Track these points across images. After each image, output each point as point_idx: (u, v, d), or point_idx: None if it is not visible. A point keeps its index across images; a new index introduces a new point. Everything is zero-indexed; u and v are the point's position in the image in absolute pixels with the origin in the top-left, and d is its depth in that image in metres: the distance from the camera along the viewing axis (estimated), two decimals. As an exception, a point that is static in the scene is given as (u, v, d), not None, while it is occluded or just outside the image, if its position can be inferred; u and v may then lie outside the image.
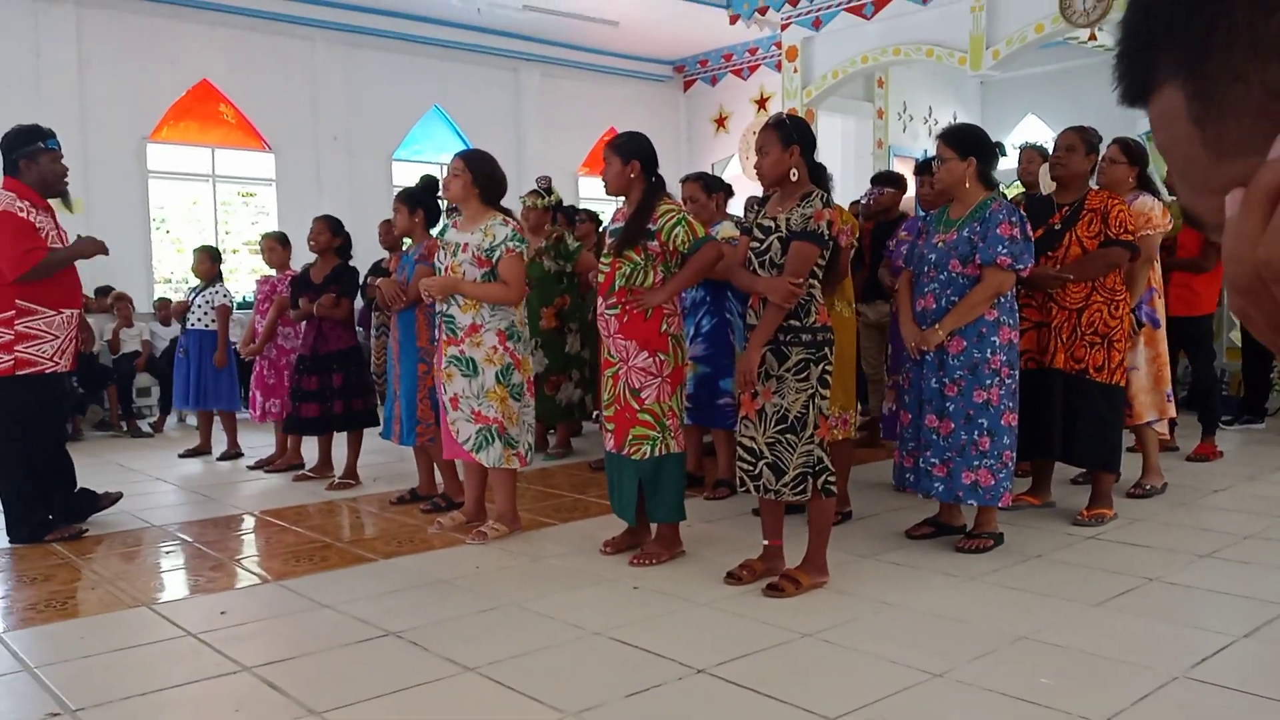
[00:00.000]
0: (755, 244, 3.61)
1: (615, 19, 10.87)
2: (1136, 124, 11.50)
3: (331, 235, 5.68)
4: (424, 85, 10.79)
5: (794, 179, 3.57)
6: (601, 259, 3.94)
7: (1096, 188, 4.57)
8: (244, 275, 9.98)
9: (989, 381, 3.87)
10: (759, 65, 12.23)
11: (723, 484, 5.05)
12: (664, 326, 3.84)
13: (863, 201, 6.73)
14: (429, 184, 5.12)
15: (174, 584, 3.92)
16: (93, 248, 4.61)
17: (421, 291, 4.26)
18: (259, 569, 4.06)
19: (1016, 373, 3.97)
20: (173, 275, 9.67)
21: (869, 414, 6.91)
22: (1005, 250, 3.79)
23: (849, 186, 11.11)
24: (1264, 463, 5.66)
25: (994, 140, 4.15)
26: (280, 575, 3.90)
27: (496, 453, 4.26)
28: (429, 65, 10.77)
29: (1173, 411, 5.04)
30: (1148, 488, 4.89)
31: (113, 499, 4.88)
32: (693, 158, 13.13)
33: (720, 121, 12.87)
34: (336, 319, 5.58)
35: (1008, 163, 10.41)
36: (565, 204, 6.96)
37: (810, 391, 3.51)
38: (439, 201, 5.05)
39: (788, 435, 3.49)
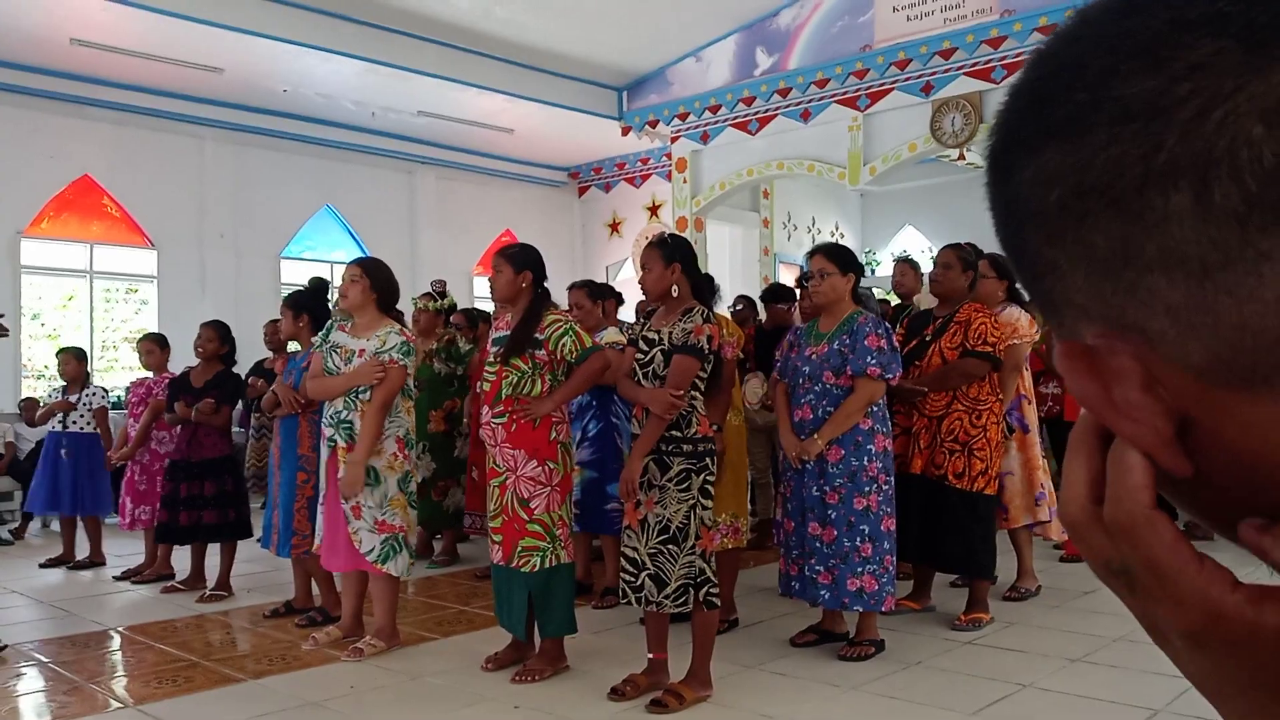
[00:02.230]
0: (640, 355, 3.68)
1: (510, 126, 11.09)
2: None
3: (219, 343, 5.56)
4: (315, 185, 10.74)
5: (675, 295, 3.68)
6: (487, 367, 3.95)
7: (973, 302, 4.81)
8: (125, 372, 9.61)
9: (868, 489, 3.98)
10: (651, 174, 12.59)
11: (610, 592, 5.01)
12: (553, 434, 3.85)
13: (732, 312, 7.00)
14: (317, 287, 5.07)
15: (25, 711, 3.65)
16: None
17: (343, 489, 4.14)
18: (118, 692, 3.82)
19: (892, 479, 4.10)
20: (46, 370, 9.25)
21: (758, 515, 7.00)
22: (874, 361, 3.94)
23: (737, 290, 11.38)
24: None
25: (868, 251, 4.37)
26: (140, 699, 3.67)
27: (404, 562, 4.21)
28: (321, 165, 10.75)
29: (1044, 514, 5.23)
30: (1023, 590, 5.05)
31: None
32: (587, 260, 13.33)
33: (614, 226, 13.14)
34: (214, 426, 5.41)
35: (884, 270, 10.85)
36: (463, 307, 6.97)
37: (692, 502, 3.56)
38: (327, 305, 5.01)
39: (669, 546, 3.51)
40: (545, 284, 4.05)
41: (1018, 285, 5.34)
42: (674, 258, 3.70)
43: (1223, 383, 0.36)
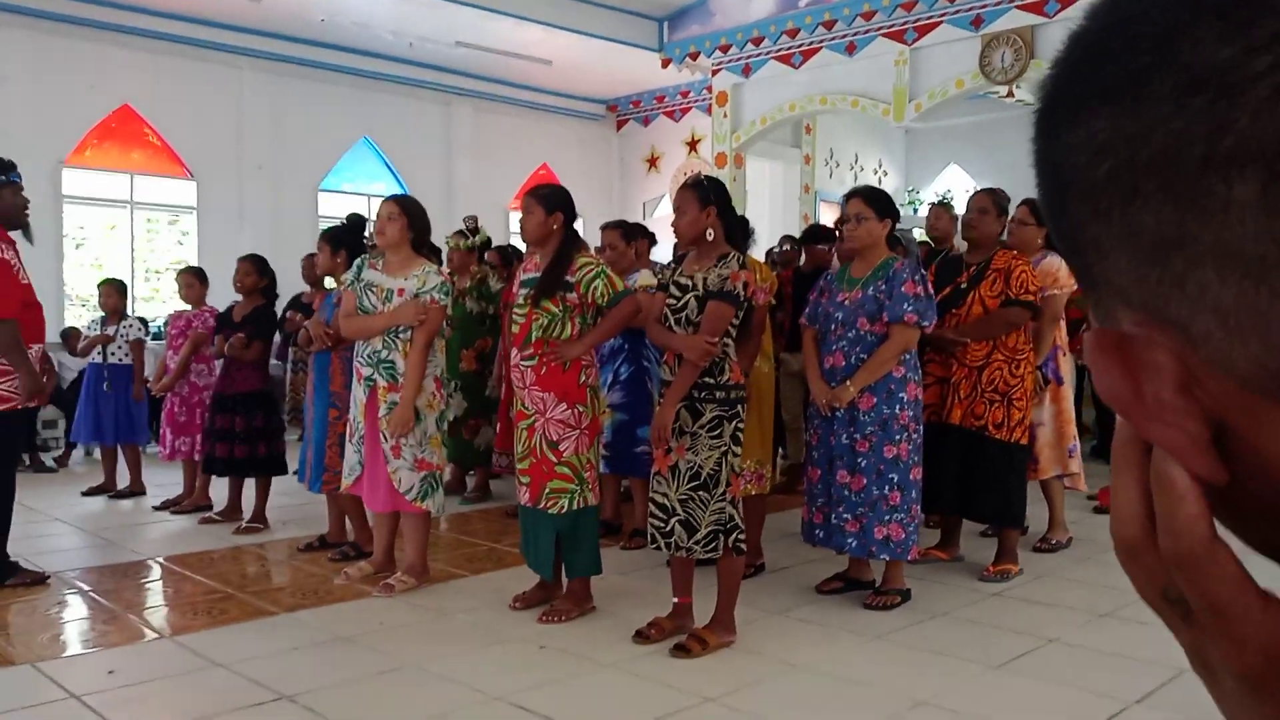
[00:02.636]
0: (672, 301, 3.63)
1: (548, 58, 10.92)
2: (1053, 177, 11.90)
3: (258, 276, 5.57)
4: (353, 116, 10.69)
5: (710, 239, 3.61)
6: (516, 310, 3.92)
7: (1005, 248, 4.69)
8: (166, 304, 9.73)
9: (898, 437, 3.94)
10: (690, 108, 12.38)
11: (639, 534, 5.03)
12: (582, 378, 3.83)
13: (776, 252, 6.87)
14: (355, 223, 5.05)
15: (65, 639, 3.76)
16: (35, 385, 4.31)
17: (393, 429, 4.14)
18: (156, 623, 3.92)
19: (921, 428, 4.05)
20: (90, 298, 9.39)
21: (789, 459, 6.98)
22: (911, 308, 3.86)
23: (776, 229, 11.25)
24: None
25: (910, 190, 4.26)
26: (177, 630, 3.77)
27: (440, 499, 4.27)
28: (359, 96, 10.68)
29: (1075, 467, 5.15)
30: (1053, 542, 5.00)
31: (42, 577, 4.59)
32: (625, 196, 13.21)
33: (652, 161, 12.98)
34: (245, 361, 5.46)
35: (926, 211, 10.66)
36: (496, 244, 6.93)
37: (724, 449, 3.54)
38: (363, 241, 4.99)
39: (700, 492, 3.50)
40: (576, 225, 4.00)
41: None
42: (709, 200, 3.63)
43: (1269, 393, 0.32)
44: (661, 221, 12.14)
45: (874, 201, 4.03)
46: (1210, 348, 0.33)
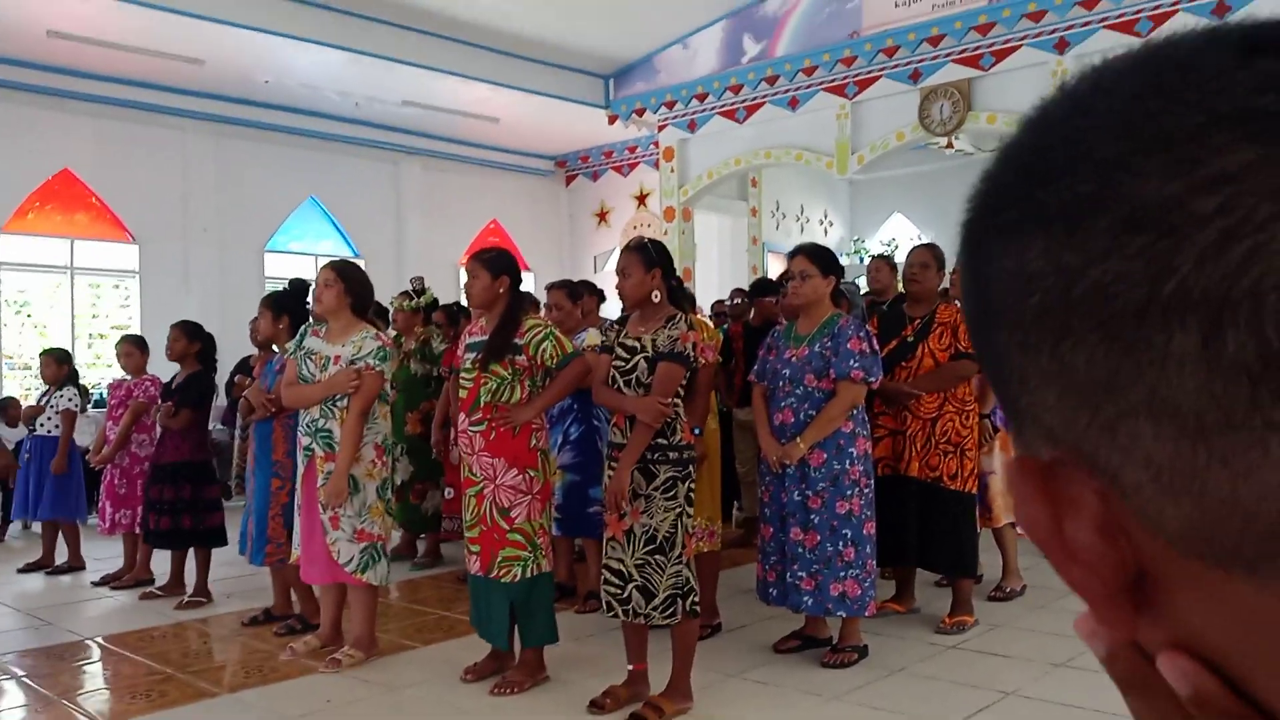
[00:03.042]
0: (619, 363, 3.61)
1: (496, 115, 10.99)
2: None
3: (188, 341, 5.46)
4: (299, 176, 10.63)
5: (655, 300, 3.62)
6: (463, 374, 3.88)
7: (947, 301, 4.76)
8: (113, 365, 9.49)
9: (850, 492, 3.94)
10: (638, 163, 12.50)
11: (593, 596, 4.95)
12: (533, 442, 3.79)
13: (727, 305, 6.92)
14: (297, 288, 4.98)
15: (-8, 729, 3.60)
16: None
17: (326, 500, 4.05)
18: (92, 708, 3.77)
19: (873, 482, 4.06)
20: (34, 365, 9.16)
21: (744, 512, 6.96)
22: (857, 364, 3.89)
23: (725, 281, 11.35)
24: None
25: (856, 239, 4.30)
26: (115, 717, 3.63)
27: (383, 570, 4.16)
28: (305, 156, 10.64)
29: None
30: (1008, 590, 5.02)
31: None
32: (575, 250, 13.25)
33: (602, 215, 13.05)
34: (175, 430, 5.33)
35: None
36: (444, 302, 6.87)
37: (679, 510, 3.52)
38: (306, 306, 4.93)
39: (656, 556, 3.46)
40: (525, 283, 3.99)
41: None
42: (654, 263, 3.66)
43: (1196, 556, 0.30)
44: (613, 275, 12.18)
45: (817, 259, 4.07)
46: (1139, 500, 0.31)
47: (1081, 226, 0.31)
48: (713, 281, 11.24)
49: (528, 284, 12.86)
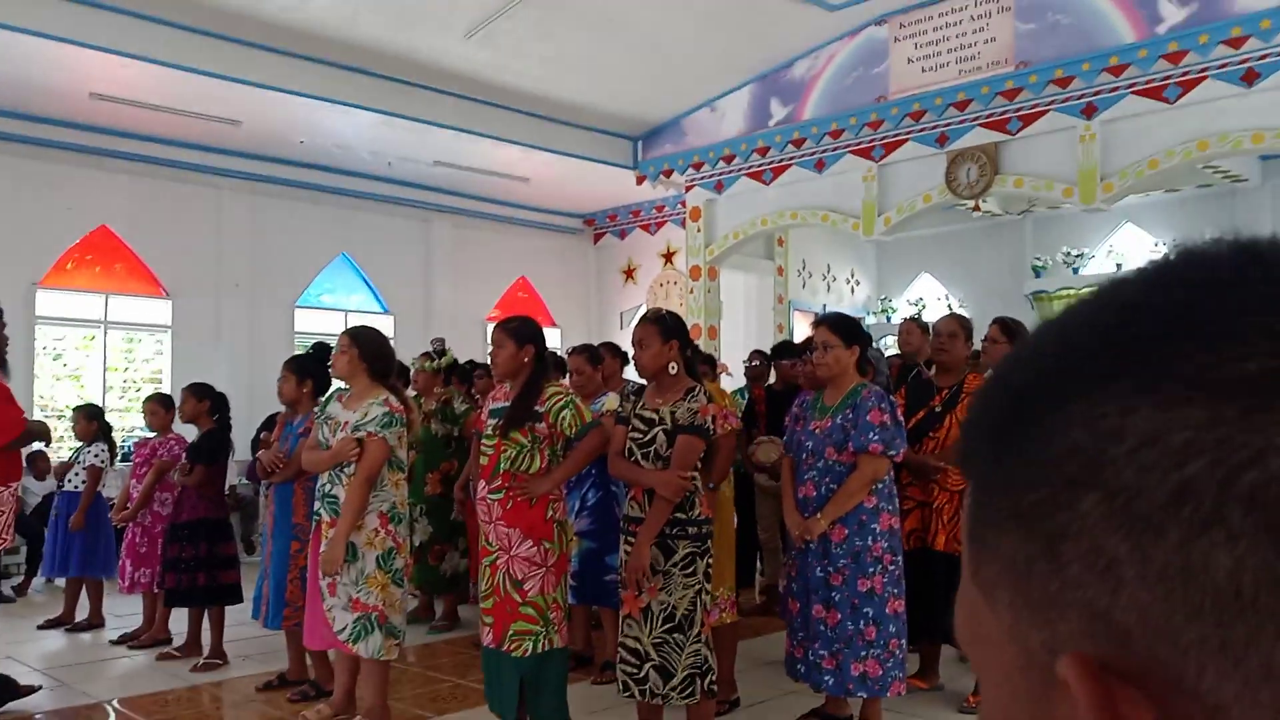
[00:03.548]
0: (636, 435, 3.59)
1: (526, 175, 11.11)
2: (1024, 284, 12.09)
3: (197, 401, 5.49)
4: (331, 233, 10.79)
5: (672, 372, 3.61)
6: (484, 441, 3.87)
7: (976, 370, 4.71)
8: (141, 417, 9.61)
9: (872, 570, 3.86)
10: (665, 221, 12.58)
11: (610, 666, 4.88)
12: (549, 513, 3.76)
13: (746, 367, 6.93)
14: (320, 353, 5.02)
15: (1, 796, 3.57)
16: (40, 430, 4.45)
17: (322, 566, 4.03)
18: (101, 775, 3.73)
19: (900, 559, 3.97)
20: (65, 412, 9.27)
21: (766, 578, 6.87)
22: (877, 437, 3.83)
23: (750, 340, 11.33)
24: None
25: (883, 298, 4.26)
26: (122, 785, 3.59)
27: (376, 643, 4.07)
28: (337, 214, 10.80)
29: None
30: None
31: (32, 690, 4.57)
32: (602, 307, 13.31)
33: (629, 273, 13.11)
34: (191, 487, 5.35)
35: (900, 317, 10.71)
36: (473, 358, 6.89)
37: (698, 587, 3.48)
38: (328, 370, 4.95)
39: (675, 635, 3.41)
40: (553, 344, 4.00)
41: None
42: (672, 334, 3.65)
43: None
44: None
45: (840, 329, 4.04)
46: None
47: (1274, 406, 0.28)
48: (739, 340, 11.22)
49: (554, 340, 12.94)
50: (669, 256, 12.58)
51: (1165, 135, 7.58)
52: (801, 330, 12.13)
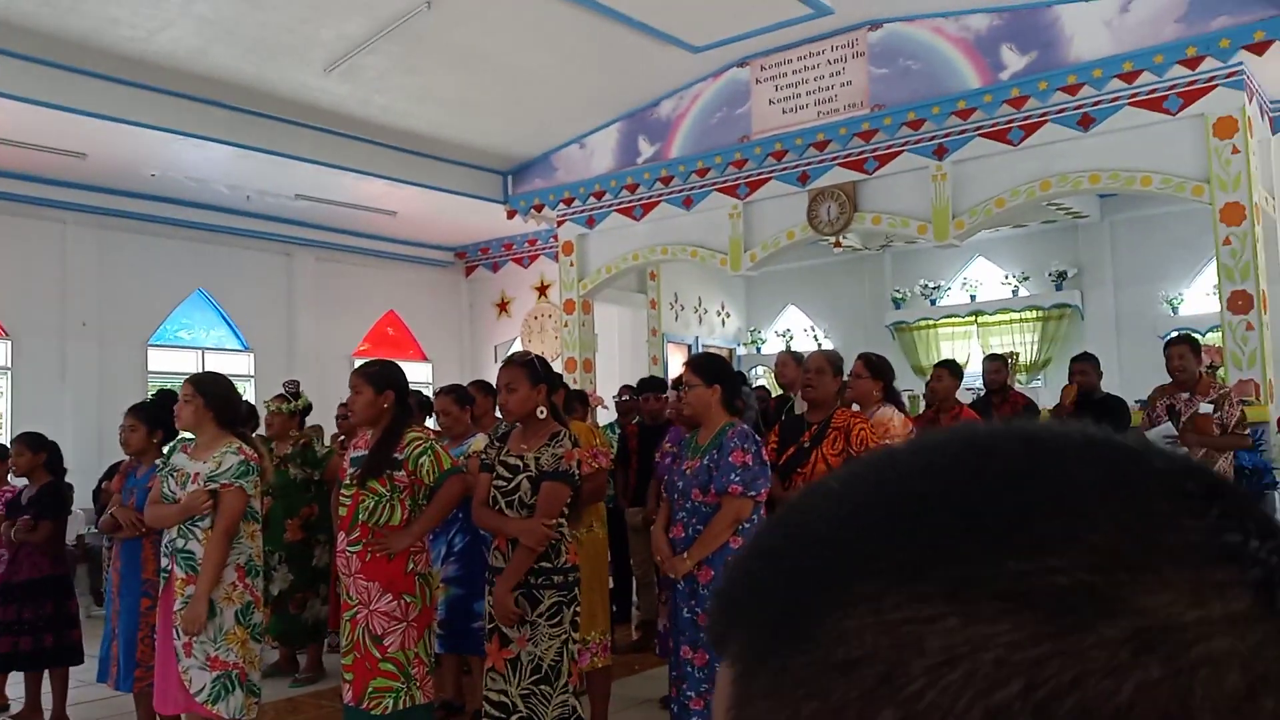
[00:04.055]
0: (501, 482, 3.54)
1: (393, 208, 10.94)
2: (885, 315, 12.52)
3: (33, 454, 5.17)
4: (187, 268, 10.36)
5: (541, 416, 3.58)
6: (343, 490, 3.76)
7: (845, 406, 4.81)
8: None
9: (739, 609, 3.89)
10: (539, 255, 12.56)
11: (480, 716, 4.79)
12: (410, 565, 3.67)
13: (616, 401, 6.94)
14: (164, 400, 4.78)
15: None
16: None
17: (185, 627, 3.83)
18: None
19: (765, 598, 4.02)
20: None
21: (642, 612, 6.86)
22: (738, 478, 3.85)
23: (626, 372, 11.39)
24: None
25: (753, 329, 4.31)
26: None
27: (238, 702, 3.88)
28: (192, 248, 10.39)
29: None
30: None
31: None
32: (475, 341, 13.18)
33: (503, 306, 13.03)
34: (35, 544, 5.02)
35: (770, 349, 10.94)
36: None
37: (564, 637, 3.44)
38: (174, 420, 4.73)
39: (543, 686, 3.36)
40: (408, 401, 3.91)
41: (893, 385, 5.38)
42: (540, 379, 3.63)
43: None
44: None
45: (700, 369, 4.07)
46: None
47: (1091, 627, 0.26)
48: (614, 373, 11.27)
49: (424, 375, 12.72)
50: (543, 289, 12.57)
51: (1010, 175, 8.01)
52: (676, 362, 12.27)
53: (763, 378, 12.02)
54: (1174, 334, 6.15)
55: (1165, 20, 7.19)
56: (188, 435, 4.13)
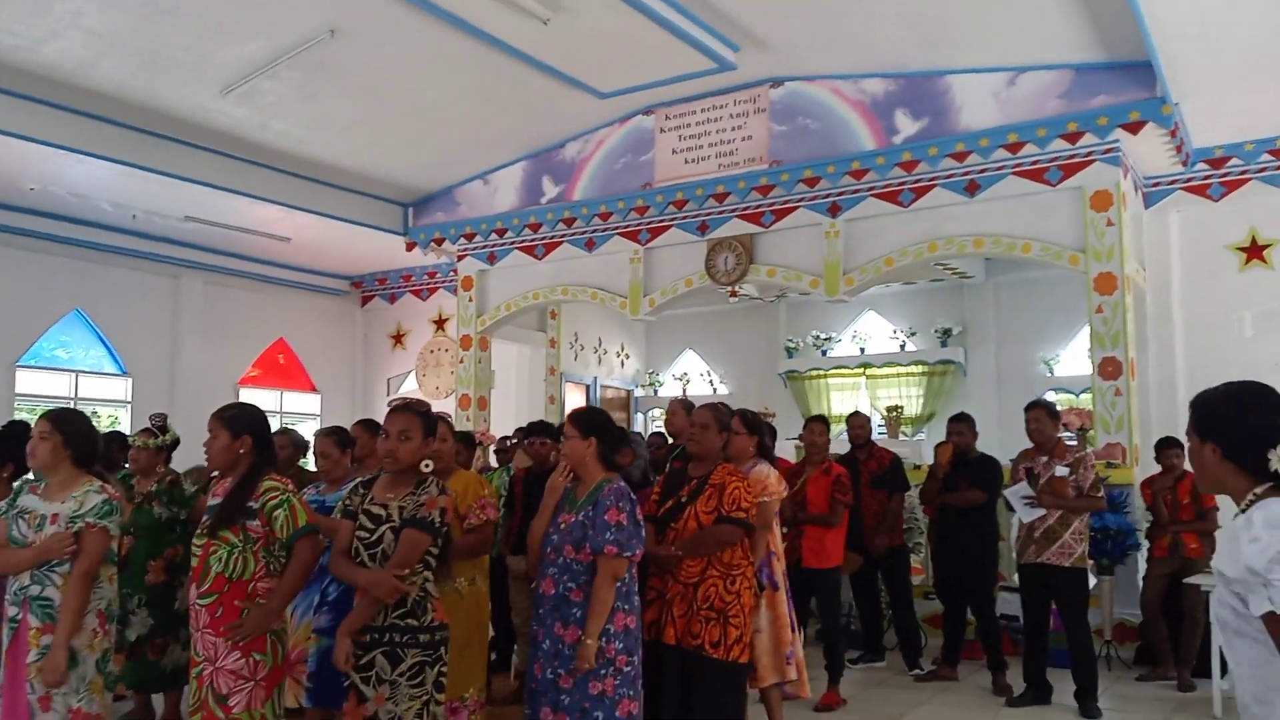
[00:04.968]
0: (364, 534, 3.43)
1: (287, 234, 10.69)
2: (779, 364, 12.71)
3: None
4: (64, 287, 9.92)
5: (426, 469, 3.50)
6: (194, 541, 3.59)
7: (728, 460, 4.80)
8: None
9: (604, 671, 3.77)
10: (438, 288, 12.42)
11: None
12: (261, 625, 3.51)
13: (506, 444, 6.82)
14: (16, 431, 4.53)
15: None
16: None
17: (46, 679, 3.57)
18: None
19: (636, 658, 3.94)
20: None
21: (522, 663, 6.73)
22: (612, 538, 3.79)
23: (523, 411, 11.30)
24: (879, 711, 6.00)
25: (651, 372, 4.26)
26: None
27: None
28: (71, 266, 9.95)
29: (794, 673, 5.21)
30: (773, 755, 4.99)
31: None
32: (368, 373, 12.92)
33: (398, 338, 12.82)
34: None
35: (666, 391, 10.92)
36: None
37: (425, 698, 3.33)
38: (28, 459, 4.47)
39: (401, 751, 3.24)
40: (270, 447, 3.76)
41: (766, 440, 5.41)
42: (433, 430, 3.55)
43: None
44: (405, 398, 11.88)
45: (579, 421, 4.01)
46: None
47: None
48: (510, 411, 11.16)
49: (313, 406, 12.40)
50: (441, 323, 12.41)
51: (900, 236, 8.24)
52: (573, 401, 12.22)
53: (659, 420, 12.06)
54: (1035, 399, 6.37)
55: (1049, 95, 7.52)
56: (30, 477, 3.91)
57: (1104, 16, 6.72)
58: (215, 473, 3.86)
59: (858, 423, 7.12)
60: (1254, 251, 8.20)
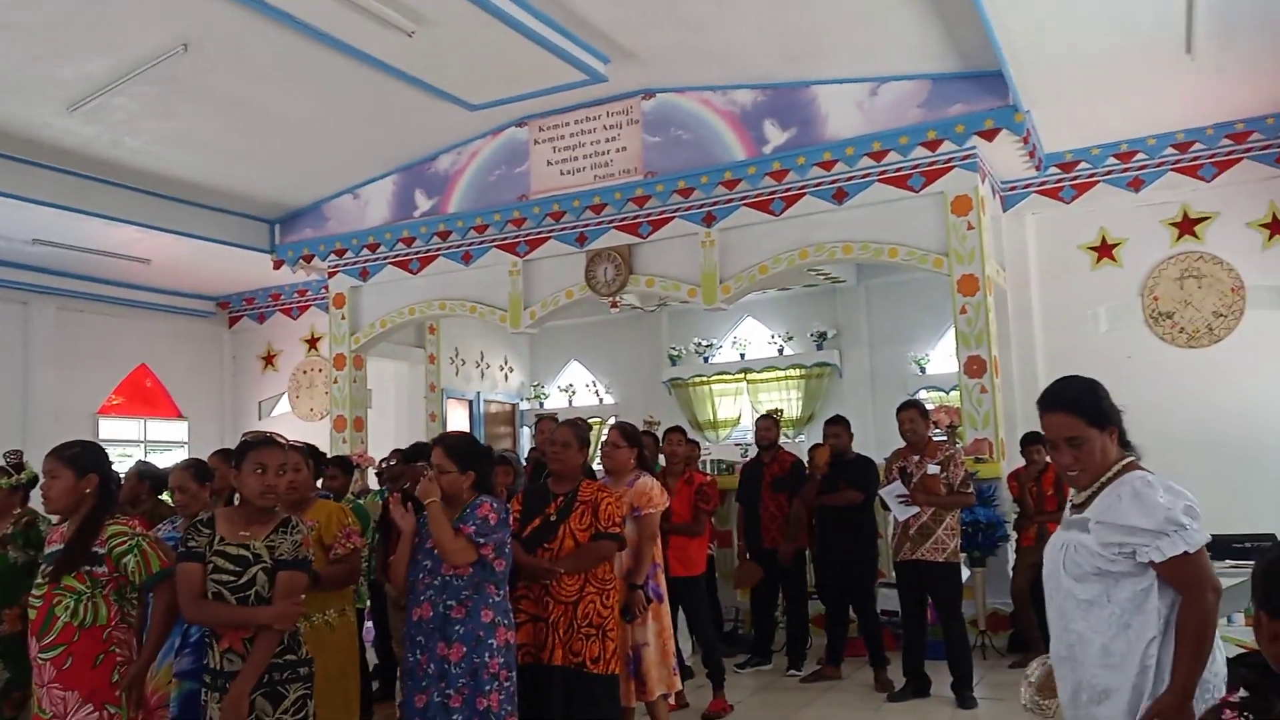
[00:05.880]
0: (227, 577, 3.23)
1: (145, 256, 10.21)
2: (663, 372, 12.78)
3: None
4: (-103, 317, 9.26)
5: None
6: (34, 590, 3.37)
7: (591, 478, 4.77)
8: None
9: (489, 687, 3.72)
10: (309, 306, 12.07)
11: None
12: (116, 675, 3.32)
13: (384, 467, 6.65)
14: None
15: None
16: None
17: None
18: None
19: (514, 674, 3.89)
20: None
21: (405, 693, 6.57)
22: (475, 529, 3.76)
23: (403, 429, 11.07)
24: (766, 715, 6.06)
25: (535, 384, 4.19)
26: None
27: None
28: (-95, 294, 9.30)
29: (679, 684, 5.22)
30: (662, 767, 4.98)
31: None
32: (238, 396, 12.45)
33: (269, 359, 12.39)
34: None
35: (552, 403, 10.77)
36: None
37: (311, 732, 3.21)
38: None
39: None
40: (114, 489, 3.56)
41: (644, 453, 5.41)
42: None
43: None
44: (277, 421, 11.50)
45: (453, 454, 3.93)
46: None
47: None
48: (389, 430, 10.91)
49: (180, 433, 11.87)
50: (313, 342, 12.06)
51: (772, 243, 8.37)
52: (455, 419, 12.03)
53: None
54: (908, 399, 6.55)
55: (909, 105, 7.76)
56: None
57: (958, 28, 6.97)
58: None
59: (765, 425, 7.15)
60: (1104, 250, 8.62)
